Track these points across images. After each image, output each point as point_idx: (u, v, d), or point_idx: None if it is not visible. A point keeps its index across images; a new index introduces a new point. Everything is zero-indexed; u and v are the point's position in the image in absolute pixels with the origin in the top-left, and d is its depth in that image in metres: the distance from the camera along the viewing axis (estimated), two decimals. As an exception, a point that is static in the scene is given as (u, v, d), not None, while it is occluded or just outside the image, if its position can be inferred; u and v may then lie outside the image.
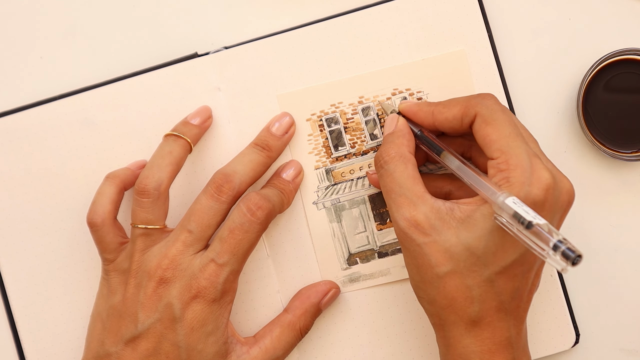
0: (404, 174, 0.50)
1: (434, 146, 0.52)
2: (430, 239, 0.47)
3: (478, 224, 0.47)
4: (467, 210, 0.47)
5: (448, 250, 0.47)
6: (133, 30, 0.60)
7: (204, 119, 0.57)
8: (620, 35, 0.59)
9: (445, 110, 0.51)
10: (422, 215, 0.48)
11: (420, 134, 0.53)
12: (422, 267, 0.48)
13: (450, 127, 0.52)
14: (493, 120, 0.49)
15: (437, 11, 0.58)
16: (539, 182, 0.46)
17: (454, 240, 0.47)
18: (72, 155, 0.58)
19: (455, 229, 0.47)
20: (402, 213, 0.49)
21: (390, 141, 0.52)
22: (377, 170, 0.52)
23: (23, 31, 0.60)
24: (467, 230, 0.47)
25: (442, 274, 0.47)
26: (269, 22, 0.59)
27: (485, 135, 0.49)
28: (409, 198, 0.49)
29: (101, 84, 0.58)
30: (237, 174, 0.53)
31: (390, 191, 0.50)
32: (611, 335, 0.59)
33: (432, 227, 0.48)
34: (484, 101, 0.50)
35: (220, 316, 0.52)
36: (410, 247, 0.48)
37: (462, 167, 0.50)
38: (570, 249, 0.42)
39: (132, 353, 0.51)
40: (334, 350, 0.58)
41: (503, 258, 0.47)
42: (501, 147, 0.48)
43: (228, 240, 0.51)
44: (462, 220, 0.47)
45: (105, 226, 0.53)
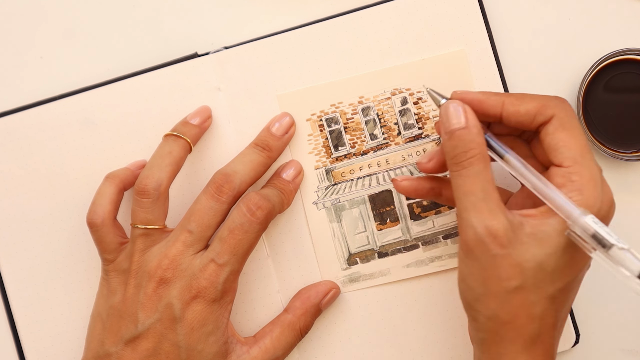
0: (487, 178, 0.46)
1: (497, 147, 0.49)
2: (505, 252, 0.45)
3: (552, 240, 0.45)
4: (536, 224, 0.46)
5: (520, 265, 0.45)
6: (133, 30, 0.60)
7: (203, 119, 0.57)
8: (620, 35, 0.59)
9: (518, 103, 0.48)
10: (502, 226, 0.45)
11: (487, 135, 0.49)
12: (490, 279, 0.46)
13: (517, 122, 0.48)
14: (572, 127, 0.47)
15: (437, 11, 0.58)
16: (608, 199, 0.46)
17: (527, 255, 0.45)
18: (72, 155, 0.58)
19: (527, 244, 0.45)
20: (482, 219, 0.45)
21: (468, 138, 0.47)
22: (457, 169, 0.47)
23: (23, 31, 0.60)
24: (540, 246, 0.45)
25: (510, 289, 0.45)
26: (269, 22, 0.59)
27: (560, 139, 0.47)
28: (489, 205, 0.46)
29: (101, 84, 0.58)
30: (237, 174, 0.53)
31: (470, 194, 0.46)
32: (611, 335, 0.59)
33: (509, 240, 0.45)
34: (563, 104, 0.48)
35: (221, 316, 0.52)
36: (482, 257, 0.46)
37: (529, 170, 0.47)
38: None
39: (132, 353, 0.51)
40: (334, 350, 0.58)
41: (569, 274, 0.46)
42: (575, 156, 0.46)
43: (228, 240, 0.51)
44: (533, 235, 0.45)
45: (105, 226, 0.53)
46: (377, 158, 0.58)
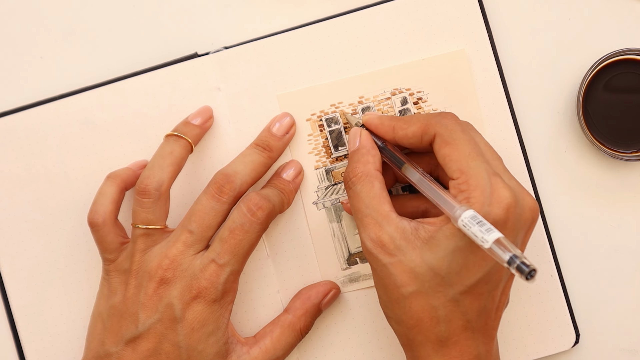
0: (370, 194, 0.50)
1: (395, 159, 0.52)
2: (395, 259, 0.47)
3: (441, 244, 0.46)
4: (431, 230, 0.47)
5: (413, 271, 0.47)
6: (133, 30, 0.60)
7: (205, 119, 0.57)
8: (620, 35, 0.59)
9: (405, 126, 0.51)
10: (387, 236, 0.48)
11: (384, 146, 0.53)
12: (389, 287, 0.48)
13: (410, 144, 0.51)
14: (452, 140, 0.49)
15: (437, 11, 0.58)
16: (499, 202, 0.46)
17: (418, 260, 0.47)
18: (72, 155, 0.58)
19: (420, 249, 0.47)
20: (368, 233, 0.49)
21: (355, 160, 0.52)
22: (347, 191, 0.51)
23: (23, 31, 0.60)
24: (431, 250, 0.47)
25: (407, 294, 0.47)
26: (269, 22, 0.59)
27: (444, 155, 0.48)
28: (375, 218, 0.49)
29: (101, 84, 0.58)
30: (238, 175, 0.53)
31: (357, 211, 0.50)
32: (611, 335, 0.59)
33: (397, 247, 0.47)
34: (443, 120, 0.50)
35: (221, 316, 0.52)
36: (377, 267, 0.49)
37: (422, 180, 0.50)
38: (525, 263, 0.42)
39: (133, 353, 0.51)
40: (333, 350, 0.58)
41: (467, 277, 0.47)
42: (461, 167, 0.47)
43: (228, 240, 0.51)
44: (426, 240, 0.47)
45: (106, 226, 0.53)
46: (377, 158, 0.58)
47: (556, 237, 0.59)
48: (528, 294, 0.57)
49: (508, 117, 0.58)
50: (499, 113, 0.58)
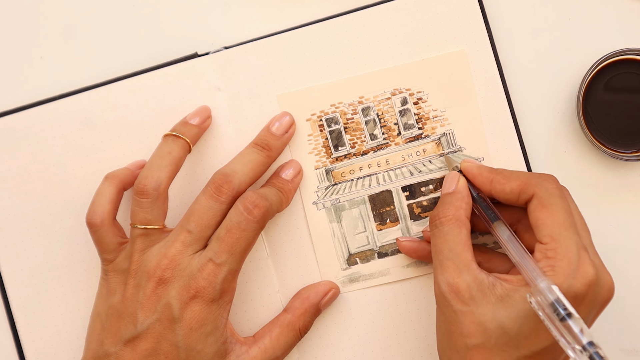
0: (456, 239, 0.50)
1: (489, 213, 0.52)
2: (467, 309, 0.48)
3: (516, 305, 0.46)
4: (508, 288, 0.47)
5: (482, 324, 0.47)
6: (133, 30, 0.60)
7: (203, 119, 0.57)
8: (620, 35, 0.59)
9: (504, 182, 0.51)
10: (465, 284, 0.48)
11: (478, 197, 0.53)
12: (454, 334, 0.48)
13: (505, 199, 0.52)
14: (550, 204, 0.49)
15: (437, 11, 0.58)
16: (583, 277, 0.46)
17: (490, 315, 0.47)
18: (72, 155, 0.58)
19: (493, 305, 0.47)
20: (445, 277, 0.49)
21: (448, 202, 0.52)
22: (431, 229, 0.52)
23: (23, 31, 0.60)
24: (505, 308, 0.47)
25: (471, 346, 0.47)
26: (269, 22, 0.59)
27: (538, 217, 0.48)
28: (456, 264, 0.49)
29: (101, 84, 0.58)
30: (236, 174, 0.53)
31: (439, 252, 0.50)
32: (611, 335, 0.58)
33: (472, 298, 0.48)
34: (544, 183, 0.50)
35: (219, 316, 0.52)
36: (447, 312, 0.49)
37: (511, 240, 0.50)
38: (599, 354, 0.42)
39: (131, 353, 0.51)
40: (334, 350, 0.58)
41: (535, 343, 0.47)
42: (552, 233, 0.48)
43: (225, 239, 0.51)
44: (501, 297, 0.47)
45: (105, 226, 0.53)
46: (377, 158, 0.58)
47: (556, 237, 0.58)
48: (528, 294, 0.57)
49: (508, 117, 0.58)
50: (499, 113, 0.58)
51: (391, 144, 0.58)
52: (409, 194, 0.58)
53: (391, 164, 0.58)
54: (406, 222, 0.58)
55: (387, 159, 0.58)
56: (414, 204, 0.58)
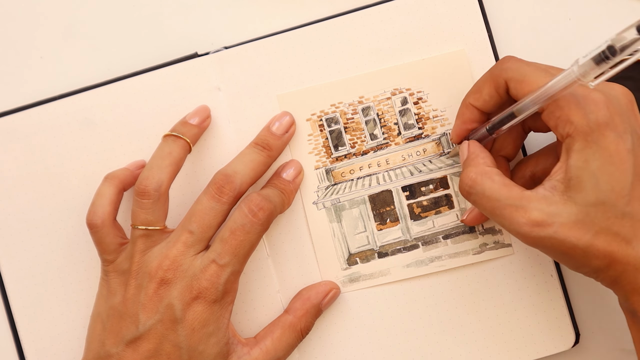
0: (494, 186, 0.48)
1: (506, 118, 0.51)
2: (556, 226, 0.46)
3: (582, 179, 0.46)
4: (564, 176, 0.46)
5: (578, 222, 0.46)
6: (133, 30, 0.60)
7: (202, 119, 0.57)
8: (621, 35, 0.59)
9: (478, 94, 0.52)
10: (537, 211, 0.46)
11: (489, 126, 0.52)
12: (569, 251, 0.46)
13: (494, 106, 0.51)
14: (523, 76, 0.49)
15: (437, 11, 0.58)
16: (596, 106, 0.46)
17: (575, 209, 0.46)
18: (72, 155, 0.58)
19: (570, 199, 0.46)
20: (517, 222, 0.47)
21: (466, 165, 0.51)
22: (468, 199, 0.50)
23: (23, 31, 0.60)
24: (578, 191, 0.46)
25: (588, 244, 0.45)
26: (269, 22, 0.59)
27: (524, 95, 0.49)
28: (514, 205, 0.47)
29: (101, 84, 0.58)
30: (237, 174, 0.53)
31: (493, 209, 0.48)
32: (611, 335, 0.59)
33: (550, 215, 0.46)
34: (506, 65, 0.50)
35: (221, 317, 0.52)
36: (547, 244, 0.47)
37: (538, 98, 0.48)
38: None
39: (133, 354, 0.51)
40: (334, 351, 0.58)
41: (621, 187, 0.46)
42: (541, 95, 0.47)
43: (229, 241, 0.51)
44: (567, 188, 0.46)
45: (105, 227, 0.53)
46: (377, 158, 0.58)
47: (556, 237, 0.58)
48: (528, 293, 0.57)
49: (508, 117, 0.58)
50: (499, 113, 0.58)
51: (391, 144, 0.58)
52: (409, 194, 0.58)
53: (391, 163, 0.58)
54: (406, 222, 0.58)
55: (387, 159, 0.58)
56: (414, 203, 0.58)
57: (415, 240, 0.58)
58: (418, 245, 0.58)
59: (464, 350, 0.57)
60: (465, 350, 0.57)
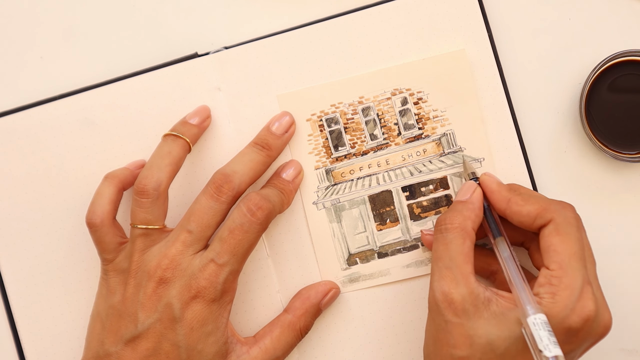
0: (459, 249, 0.49)
1: (494, 228, 0.52)
2: (458, 321, 0.47)
3: (508, 325, 0.46)
4: (504, 307, 0.47)
5: (471, 338, 0.47)
6: (133, 30, 0.60)
7: (202, 119, 0.57)
8: (620, 35, 0.59)
9: (522, 203, 0.51)
10: (460, 296, 0.48)
11: (487, 207, 0.53)
12: (441, 342, 0.48)
13: (519, 222, 0.51)
14: (565, 233, 0.49)
15: (437, 11, 0.58)
16: (581, 311, 0.46)
17: (480, 331, 0.47)
18: (72, 155, 0.58)
19: (486, 321, 0.47)
20: (441, 285, 0.48)
21: (459, 210, 0.51)
22: (435, 233, 0.51)
23: (23, 31, 0.60)
24: (497, 326, 0.47)
25: (456, 357, 0.47)
26: (269, 22, 0.59)
27: (551, 244, 0.48)
28: (454, 274, 0.48)
29: (101, 84, 0.58)
30: (236, 174, 0.53)
31: (439, 259, 0.50)
32: (611, 335, 0.58)
33: (465, 310, 0.47)
34: (563, 210, 0.50)
35: (220, 316, 0.52)
36: (437, 319, 0.48)
37: (510, 260, 0.50)
38: None
39: (132, 353, 0.51)
40: (333, 350, 0.58)
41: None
42: (561, 262, 0.48)
43: (228, 240, 0.51)
44: (495, 315, 0.47)
45: (104, 226, 0.53)
46: (377, 158, 0.58)
47: (556, 237, 0.58)
48: (528, 294, 0.57)
49: (508, 117, 0.58)
50: (499, 113, 0.58)
51: (391, 144, 0.58)
52: (409, 194, 0.58)
53: (391, 164, 0.58)
54: (406, 222, 0.58)
55: (387, 159, 0.58)
56: (414, 204, 0.58)
57: (415, 240, 0.58)
58: (418, 246, 0.58)
59: (463, 351, 0.57)
60: (465, 351, 0.57)
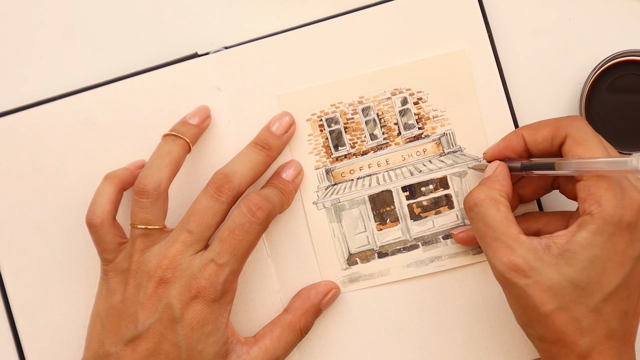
0: (497, 217, 0.49)
1: (543, 164, 0.51)
2: (532, 281, 0.47)
3: (577, 256, 0.46)
4: (564, 243, 0.47)
5: (551, 288, 0.47)
6: (133, 30, 0.60)
7: (202, 119, 0.57)
8: (620, 35, 0.59)
9: (534, 132, 0.51)
10: (521, 259, 0.47)
11: (523, 164, 0.52)
12: (528, 307, 0.48)
13: (540, 150, 0.51)
14: (584, 140, 0.49)
15: (437, 11, 0.58)
16: (631, 204, 0.46)
17: (556, 277, 0.46)
18: (72, 155, 0.58)
19: (556, 266, 0.47)
20: (499, 258, 0.48)
21: (482, 184, 0.51)
22: (467, 214, 0.51)
23: (23, 31, 0.60)
24: (568, 264, 0.46)
25: (549, 312, 0.47)
26: (269, 22, 0.59)
27: (577, 156, 0.48)
28: (505, 242, 0.48)
29: (101, 84, 0.58)
30: (236, 174, 0.53)
31: (484, 235, 0.49)
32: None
33: (532, 268, 0.47)
34: (574, 122, 0.50)
35: (220, 316, 0.52)
36: (513, 290, 0.48)
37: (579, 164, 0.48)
38: None
39: (132, 353, 0.51)
40: (334, 350, 0.58)
41: (607, 284, 0.47)
42: None
43: (228, 240, 0.51)
44: (560, 255, 0.47)
45: (104, 226, 0.53)
46: (377, 158, 0.58)
47: (556, 237, 0.58)
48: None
49: (508, 117, 0.58)
50: (499, 113, 0.58)
51: (391, 144, 0.58)
52: (409, 194, 0.58)
53: (391, 164, 0.58)
54: (406, 222, 0.58)
55: (387, 159, 0.58)
56: (414, 203, 0.58)
57: (415, 240, 0.58)
58: (418, 246, 0.58)
59: (463, 350, 0.57)
60: (465, 350, 0.57)
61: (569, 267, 0.46)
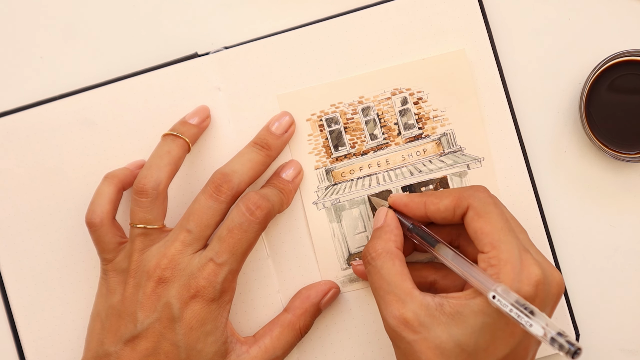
0: (392, 271, 0.49)
1: (427, 238, 0.52)
2: (420, 337, 0.47)
3: (469, 320, 0.46)
4: (457, 305, 0.47)
5: (439, 347, 0.46)
6: (133, 30, 0.60)
7: (202, 119, 0.57)
8: (620, 35, 0.59)
9: (437, 201, 0.51)
10: (411, 313, 0.47)
11: (413, 227, 0.53)
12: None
13: (442, 218, 0.51)
14: (485, 213, 0.49)
15: (437, 11, 0.58)
16: (529, 278, 0.46)
17: (444, 336, 0.46)
18: (72, 155, 0.58)
19: (446, 325, 0.46)
20: (390, 311, 0.48)
21: (377, 236, 0.52)
22: (365, 266, 0.51)
23: (23, 31, 0.60)
24: (458, 326, 0.46)
25: None
26: (269, 22, 0.59)
27: (477, 228, 0.48)
28: (397, 295, 0.48)
29: (101, 84, 0.58)
30: (236, 174, 0.53)
31: (379, 288, 0.49)
32: (611, 335, 0.58)
33: (422, 324, 0.47)
34: (476, 193, 0.50)
35: (219, 316, 0.52)
36: (401, 345, 0.48)
37: (456, 258, 0.49)
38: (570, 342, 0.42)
39: (132, 353, 0.51)
40: (333, 350, 0.58)
41: (495, 353, 0.47)
42: (493, 241, 0.47)
43: (227, 239, 0.51)
44: (452, 315, 0.47)
45: (104, 226, 0.53)
46: (377, 158, 0.58)
47: (556, 237, 0.58)
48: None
49: (508, 117, 0.58)
50: (499, 113, 0.58)
51: (391, 144, 0.58)
52: (409, 194, 0.58)
53: (391, 164, 0.58)
54: (406, 222, 0.58)
55: (387, 159, 0.58)
56: (414, 204, 0.58)
57: (415, 240, 0.58)
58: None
59: (463, 351, 0.57)
60: (465, 351, 0.57)
61: (459, 329, 0.46)
